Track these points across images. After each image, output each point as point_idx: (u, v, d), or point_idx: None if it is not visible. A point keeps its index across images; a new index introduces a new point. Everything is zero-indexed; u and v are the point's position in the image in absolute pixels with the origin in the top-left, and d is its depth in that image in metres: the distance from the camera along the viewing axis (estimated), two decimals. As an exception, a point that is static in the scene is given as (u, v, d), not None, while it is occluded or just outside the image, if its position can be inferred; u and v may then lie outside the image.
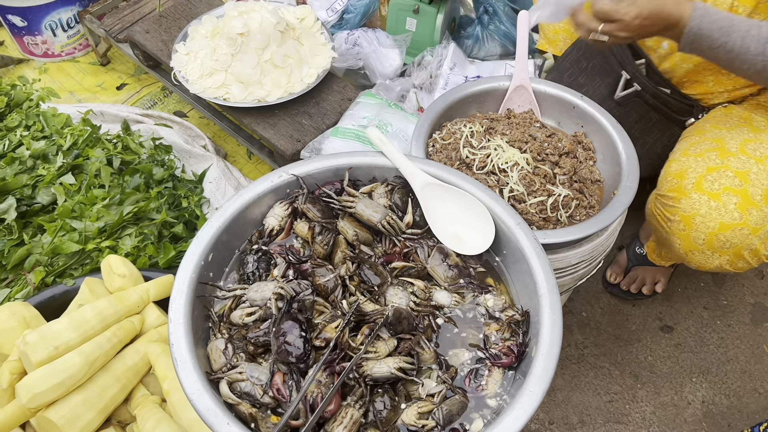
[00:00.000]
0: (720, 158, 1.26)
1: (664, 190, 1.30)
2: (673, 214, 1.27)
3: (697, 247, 1.25)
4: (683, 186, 1.26)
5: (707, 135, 1.34)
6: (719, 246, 1.23)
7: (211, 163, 1.80)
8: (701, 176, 1.24)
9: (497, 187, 1.23)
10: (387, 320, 0.92)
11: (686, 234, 1.25)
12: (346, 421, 0.83)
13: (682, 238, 1.26)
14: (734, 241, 1.22)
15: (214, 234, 0.99)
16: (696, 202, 1.23)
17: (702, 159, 1.27)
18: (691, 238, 1.25)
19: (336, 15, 2.02)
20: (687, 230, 1.25)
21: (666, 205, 1.29)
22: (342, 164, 1.11)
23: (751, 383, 1.67)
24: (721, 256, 1.25)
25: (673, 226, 1.28)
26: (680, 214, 1.25)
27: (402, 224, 1.06)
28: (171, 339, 0.87)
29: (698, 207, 1.22)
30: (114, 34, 2.03)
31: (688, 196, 1.24)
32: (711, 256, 1.26)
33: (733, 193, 1.21)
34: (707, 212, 1.22)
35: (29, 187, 1.51)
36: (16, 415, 1.11)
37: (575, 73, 1.56)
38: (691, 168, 1.27)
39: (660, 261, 1.64)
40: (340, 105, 1.78)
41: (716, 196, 1.21)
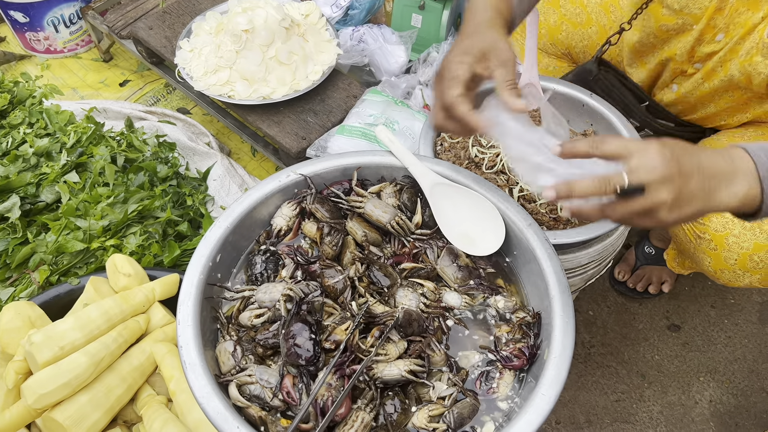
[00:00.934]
0: None
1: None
2: (703, 232, 1.23)
3: (728, 267, 1.22)
4: None
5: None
6: (752, 266, 1.19)
7: (215, 161, 1.79)
8: None
9: (507, 187, 1.22)
10: (397, 322, 0.91)
11: (717, 254, 1.22)
12: (357, 424, 0.82)
13: (712, 257, 1.23)
14: None
15: (221, 235, 0.98)
16: (729, 222, 1.19)
17: None
18: (722, 258, 1.21)
19: (341, 11, 2.00)
20: (718, 250, 1.21)
21: (696, 222, 1.25)
22: (350, 164, 1.10)
23: (759, 382, 1.67)
24: (753, 275, 1.22)
25: (703, 244, 1.24)
26: (711, 233, 1.21)
27: (411, 225, 1.05)
28: (180, 341, 0.86)
29: (731, 227, 1.19)
30: (117, 31, 2.01)
31: (721, 215, 1.20)
32: (742, 275, 1.22)
33: None
34: (741, 233, 1.18)
35: (33, 185, 1.49)
36: (22, 416, 1.11)
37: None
38: None
39: (680, 270, 1.61)
40: (345, 102, 1.77)
41: None
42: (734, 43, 1.13)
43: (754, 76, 1.13)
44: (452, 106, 0.92)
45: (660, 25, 1.22)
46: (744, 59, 1.13)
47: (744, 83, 1.17)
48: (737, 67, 1.15)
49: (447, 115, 0.93)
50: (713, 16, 1.13)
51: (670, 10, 1.18)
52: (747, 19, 1.09)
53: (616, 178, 0.74)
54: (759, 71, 1.11)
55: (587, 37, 1.48)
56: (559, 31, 1.51)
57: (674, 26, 1.20)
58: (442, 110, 0.94)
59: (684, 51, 1.22)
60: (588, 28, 1.46)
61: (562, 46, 1.54)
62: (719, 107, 1.29)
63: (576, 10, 1.47)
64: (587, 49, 1.50)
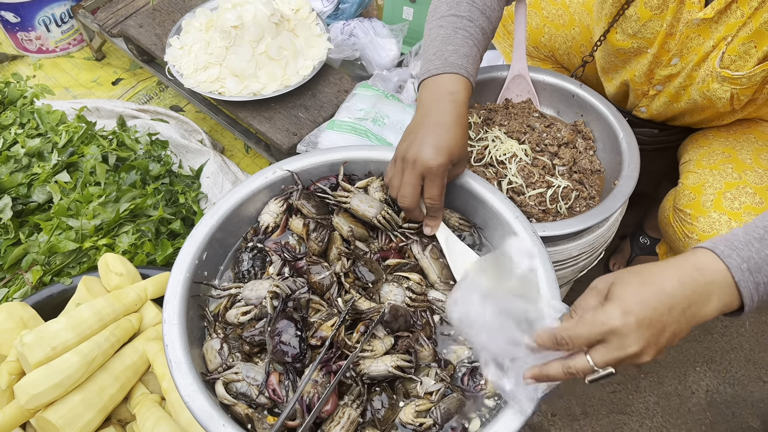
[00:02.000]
0: (737, 172, 1.21)
1: (682, 205, 1.26)
2: (692, 232, 1.23)
3: None
4: (701, 203, 1.22)
5: (714, 145, 1.29)
6: None
7: (208, 158, 1.78)
8: (720, 193, 1.20)
9: (495, 180, 1.21)
10: (383, 317, 0.90)
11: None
12: (344, 421, 0.82)
13: None
14: None
15: (208, 232, 0.98)
16: (716, 222, 1.19)
17: (719, 172, 1.23)
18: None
19: (331, 5, 1.99)
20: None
21: (684, 221, 1.25)
22: (337, 159, 1.09)
23: (756, 372, 1.66)
24: None
25: (692, 244, 1.24)
26: (699, 234, 1.21)
27: (398, 218, 1.05)
28: (165, 340, 0.86)
29: (718, 227, 1.19)
30: (108, 29, 2.01)
31: (707, 215, 1.20)
32: None
33: (754, 213, 1.17)
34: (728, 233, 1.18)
35: (25, 185, 1.49)
36: (16, 416, 1.11)
37: None
38: (708, 182, 1.23)
39: None
40: (336, 97, 1.76)
41: (737, 216, 1.18)
42: (690, 69, 1.15)
43: (715, 101, 1.16)
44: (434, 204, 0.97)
45: (617, 48, 1.24)
46: (702, 86, 1.15)
47: (708, 105, 1.19)
48: (698, 92, 1.17)
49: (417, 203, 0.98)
50: (665, 40, 1.15)
51: (625, 34, 1.20)
52: (699, 46, 1.11)
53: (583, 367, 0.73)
54: (719, 96, 1.14)
55: (571, 38, 1.47)
56: (541, 34, 1.51)
57: (630, 49, 1.22)
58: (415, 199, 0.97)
59: (642, 73, 1.24)
60: (571, 29, 1.46)
61: (545, 48, 1.53)
62: (693, 118, 1.31)
63: (558, 11, 1.46)
64: (571, 50, 1.49)
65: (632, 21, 1.16)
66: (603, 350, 0.72)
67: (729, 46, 1.06)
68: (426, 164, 0.93)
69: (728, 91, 1.12)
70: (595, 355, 0.72)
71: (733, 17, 1.04)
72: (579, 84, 1.34)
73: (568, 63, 1.53)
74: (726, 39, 1.06)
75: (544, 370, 0.76)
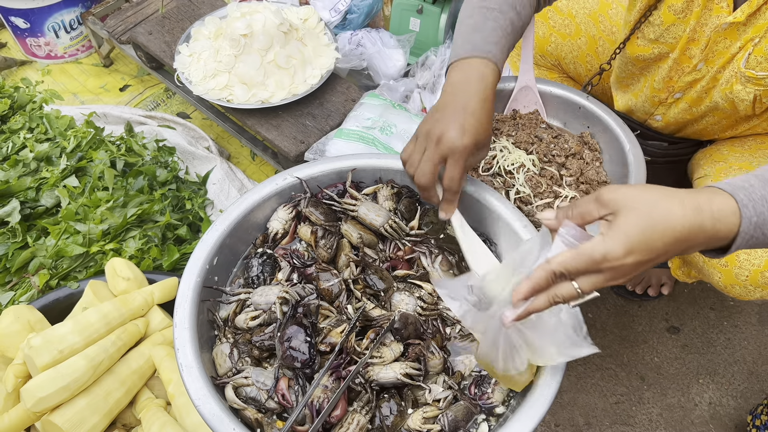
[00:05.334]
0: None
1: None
2: None
3: (739, 283, 1.20)
4: None
5: (729, 160, 1.28)
6: (764, 282, 1.17)
7: (214, 165, 1.80)
8: None
9: (503, 189, 1.22)
10: (393, 325, 0.91)
11: (728, 270, 1.20)
12: (353, 427, 0.83)
13: (722, 273, 1.21)
14: None
15: (218, 238, 0.99)
16: None
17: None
18: (733, 275, 1.19)
19: (339, 15, 2.01)
20: (729, 266, 1.19)
21: None
22: (346, 166, 1.10)
23: (759, 384, 1.66)
24: (764, 290, 1.19)
25: (713, 261, 1.22)
26: None
27: (406, 227, 1.05)
28: (176, 344, 0.87)
29: None
30: (117, 36, 2.03)
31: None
32: (753, 290, 1.20)
33: None
34: (752, 250, 1.16)
35: (33, 189, 1.50)
36: (21, 419, 1.11)
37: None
38: None
39: (684, 278, 1.59)
40: (344, 106, 1.77)
41: None
42: (715, 72, 1.14)
43: (737, 103, 1.15)
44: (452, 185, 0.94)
45: (636, 55, 1.24)
46: (725, 87, 1.14)
47: (729, 109, 1.18)
48: (720, 95, 1.16)
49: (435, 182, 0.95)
50: (687, 45, 1.14)
51: (646, 40, 1.19)
52: (725, 49, 1.10)
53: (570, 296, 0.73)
54: (741, 98, 1.13)
55: (577, 47, 1.48)
56: (548, 43, 1.52)
57: (650, 56, 1.21)
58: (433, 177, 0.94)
59: (661, 78, 1.23)
60: (577, 38, 1.47)
61: (551, 57, 1.55)
62: (708, 124, 1.30)
63: (564, 21, 1.48)
64: (577, 60, 1.50)
65: (655, 26, 1.15)
66: (594, 279, 0.70)
67: (756, 47, 1.05)
68: (451, 143, 0.91)
69: (752, 93, 1.10)
70: (584, 282, 0.71)
71: (762, 18, 1.02)
72: (586, 96, 1.35)
73: (574, 72, 1.54)
74: (753, 40, 1.05)
75: (528, 311, 0.75)
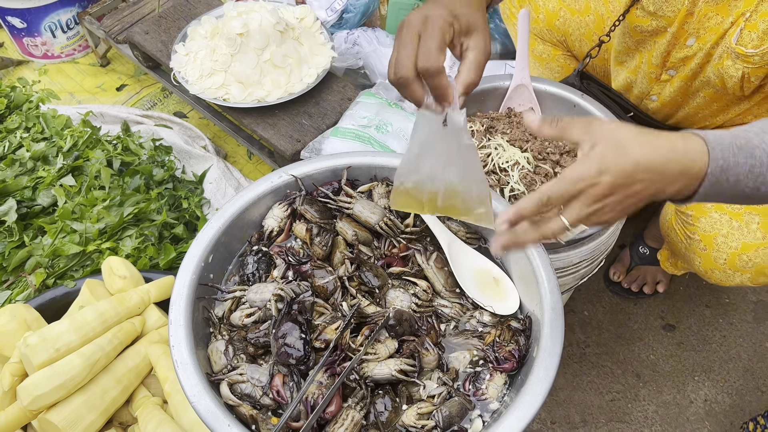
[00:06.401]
0: None
1: (684, 207, 1.27)
2: (693, 232, 1.24)
3: (718, 267, 1.23)
4: (702, 204, 1.23)
5: None
6: (741, 266, 1.20)
7: (211, 164, 1.80)
8: None
9: (498, 187, 1.22)
10: (387, 322, 0.91)
11: (707, 254, 1.22)
12: (347, 422, 0.83)
13: (702, 257, 1.24)
14: (757, 261, 1.19)
15: (213, 235, 0.99)
16: (717, 221, 1.20)
17: None
18: (711, 258, 1.22)
19: (335, 14, 2.02)
20: (708, 250, 1.22)
21: (686, 222, 1.26)
22: (341, 164, 1.10)
23: (754, 381, 1.67)
24: (743, 275, 1.22)
25: (693, 245, 1.25)
26: (700, 234, 1.22)
27: (401, 224, 1.06)
28: (171, 341, 0.87)
29: (719, 227, 1.19)
30: (113, 35, 2.03)
31: (708, 215, 1.21)
32: (732, 274, 1.23)
33: (755, 213, 1.18)
34: (729, 232, 1.19)
35: (29, 188, 1.50)
36: (18, 418, 1.11)
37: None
38: None
39: (673, 270, 1.62)
40: (340, 105, 1.78)
41: (738, 216, 1.18)
42: (709, 48, 1.14)
43: (726, 80, 1.15)
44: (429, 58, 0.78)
45: (635, 26, 1.22)
46: (717, 62, 1.14)
47: (720, 85, 1.18)
48: (713, 70, 1.17)
49: (415, 72, 0.79)
50: (685, 20, 1.13)
51: (645, 11, 1.18)
52: (718, 24, 1.10)
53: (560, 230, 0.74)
54: (730, 75, 1.13)
55: (584, 25, 1.47)
56: (556, 17, 1.51)
57: (648, 28, 1.20)
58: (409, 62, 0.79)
59: (659, 54, 1.23)
60: (586, 16, 1.46)
61: (558, 32, 1.53)
62: (700, 107, 1.30)
63: None
64: (583, 37, 1.49)
65: None
66: (576, 206, 0.72)
67: (748, 22, 1.04)
68: (422, 15, 0.80)
69: (740, 70, 1.10)
70: (569, 213, 0.73)
71: None
72: (580, 94, 1.36)
73: (578, 50, 1.53)
74: (745, 15, 1.04)
75: (517, 240, 0.76)
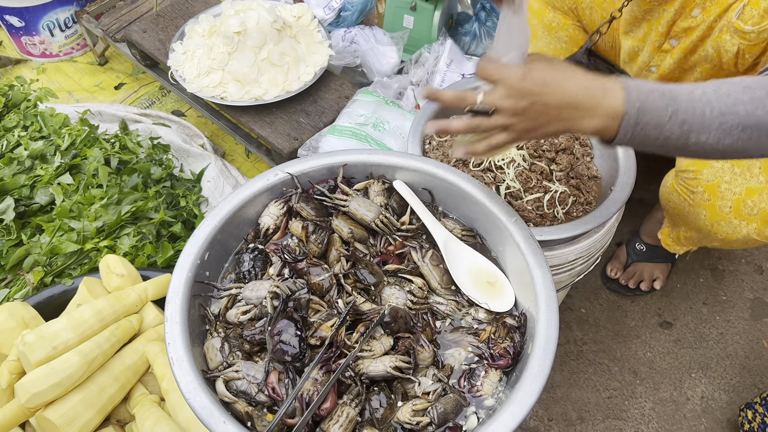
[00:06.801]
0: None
1: (684, 165, 1.27)
2: (696, 186, 1.24)
3: (724, 217, 1.23)
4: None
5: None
6: (747, 213, 1.20)
7: (209, 162, 1.80)
8: None
9: (494, 184, 1.23)
10: (383, 319, 0.92)
11: (711, 204, 1.22)
12: (342, 419, 0.83)
13: (707, 209, 1.24)
14: (762, 206, 1.19)
15: (209, 233, 0.99)
16: (719, 170, 1.20)
17: None
18: (716, 207, 1.22)
19: (333, 13, 2.02)
20: (712, 199, 1.22)
21: (687, 179, 1.26)
22: (337, 162, 1.11)
23: (751, 379, 1.67)
24: (749, 224, 1.22)
25: (696, 198, 1.25)
26: (704, 185, 1.22)
27: (396, 222, 1.06)
28: (167, 338, 0.87)
29: (722, 174, 1.20)
30: (111, 34, 2.03)
31: (710, 166, 1.21)
32: (738, 225, 1.23)
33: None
34: (732, 178, 1.19)
35: (27, 187, 1.51)
36: (16, 415, 1.12)
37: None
38: None
39: (676, 247, 1.59)
40: (337, 103, 1.78)
41: (739, 162, 1.19)
42: (711, 21, 1.15)
43: (723, 54, 1.16)
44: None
45: None
46: (717, 36, 1.16)
47: (716, 60, 1.20)
48: (712, 43, 1.18)
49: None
50: None
51: None
52: None
53: (470, 98, 0.87)
54: (726, 49, 1.14)
55: None
56: None
57: None
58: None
59: (665, 22, 1.24)
60: None
61: (570, 0, 1.53)
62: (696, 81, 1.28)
63: None
64: (594, 5, 1.48)
65: None
66: (492, 93, 0.85)
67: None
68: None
69: (736, 46, 1.12)
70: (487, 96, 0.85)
71: None
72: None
73: (588, 19, 1.52)
74: None
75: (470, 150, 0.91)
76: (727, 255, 1.91)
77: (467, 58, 1.93)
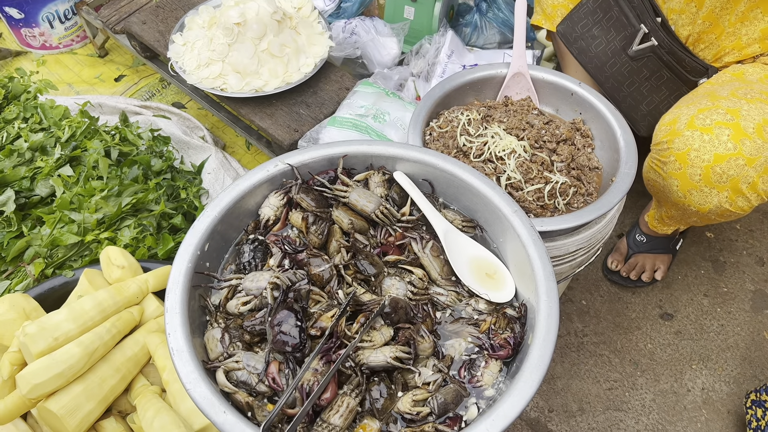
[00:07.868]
0: (711, 101, 1.26)
1: (659, 139, 1.30)
2: (668, 156, 1.27)
3: (695, 185, 1.25)
4: (676, 128, 1.26)
5: (699, 91, 1.35)
6: (716, 180, 1.22)
7: (209, 154, 1.80)
8: (693, 116, 1.24)
9: (494, 175, 1.22)
10: (383, 309, 0.92)
11: (682, 172, 1.25)
12: (342, 409, 0.83)
13: (678, 178, 1.26)
14: (730, 173, 1.21)
15: (209, 224, 0.99)
16: (689, 138, 1.23)
17: (693, 105, 1.27)
18: (687, 175, 1.24)
19: (333, 4, 2.01)
20: (683, 168, 1.24)
21: (661, 151, 1.29)
22: (337, 153, 1.10)
23: (751, 370, 1.67)
24: (720, 193, 1.24)
25: (668, 168, 1.27)
26: (674, 154, 1.25)
27: (397, 213, 1.06)
28: (167, 329, 0.87)
29: (691, 142, 1.23)
30: (111, 26, 2.02)
31: (681, 135, 1.24)
32: (709, 193, 1.25)
33: (725, 126, 1.21)
34: (701, 146, 1.22)
35: (28, 179, 1.51)
36: (17, 406, 1.12)
37: (589, 25, 1.54)
38: (682, 113, 1.27)
39: (662, 227, 1.61)
40: (337, 94, 1.77)
41: (709, 130, 1.21)
42: None
43: None
44: None
45: None
46: None
47: None
48: None
49: None
50: None
51: None
52: None
53: None
54: None
55: None
56: None
57: None
58: None
59: None
60: None
61: None
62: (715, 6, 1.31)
63: None
64: None
65: None
66: None
67: None
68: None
69: None
70: None
71: None
72: (578, 82, 1.36)
73: None
74: None
75: None
76: (728, 246, 1.91)
77: (468, 50, 1.92)
